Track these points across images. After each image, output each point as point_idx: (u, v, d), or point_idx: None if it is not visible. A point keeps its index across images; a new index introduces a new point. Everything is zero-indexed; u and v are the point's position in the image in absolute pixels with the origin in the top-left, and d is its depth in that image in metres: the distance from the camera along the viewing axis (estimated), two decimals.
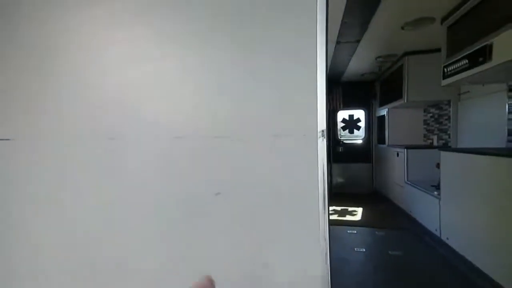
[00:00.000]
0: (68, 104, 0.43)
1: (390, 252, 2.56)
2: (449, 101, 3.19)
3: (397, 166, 3.70)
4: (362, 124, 5.12)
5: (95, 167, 0.42)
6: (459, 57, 2.13)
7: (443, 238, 2.49)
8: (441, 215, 2.53)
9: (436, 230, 2.63)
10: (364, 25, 2.54)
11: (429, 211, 2.78)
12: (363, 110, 5.09)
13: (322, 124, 0.37)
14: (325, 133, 0.37)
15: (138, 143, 0.41)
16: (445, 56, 2.39)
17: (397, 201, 3.78)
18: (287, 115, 0.37)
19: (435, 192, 2.67)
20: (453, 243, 2.32)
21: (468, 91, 2.90)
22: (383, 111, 4.41)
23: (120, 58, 0.41)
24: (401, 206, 3.64)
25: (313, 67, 0.35)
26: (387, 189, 4.24)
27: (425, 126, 3.97)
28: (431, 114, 3.80)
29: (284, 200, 0.37)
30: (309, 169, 0.37)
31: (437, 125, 3.62)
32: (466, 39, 2.08)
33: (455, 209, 2.31)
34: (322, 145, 0.36)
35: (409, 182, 3.31)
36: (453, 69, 2.22)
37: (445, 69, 2.36)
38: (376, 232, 3.07)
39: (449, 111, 3.21)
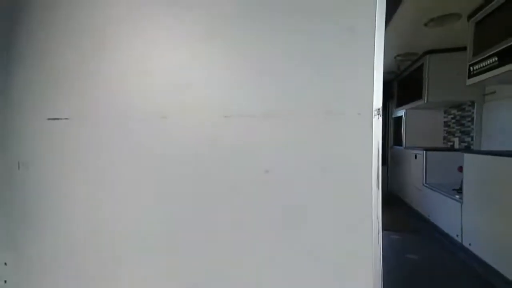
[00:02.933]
0: (120, 84, 0.45)
1: (406, 255, 2.48)
2: (472, 102, 3.07)
3: (415, 168, 3.59)
4: None
5: (148, 145, 0.43)
6: (488, 54, 2.03)
7: (465, 243, 2.39)
8: (463, 220, 2.43)
9: (457, 235, 2.52)
10: (385, 21, 2.48)
11: (449, 216, 2.68)
12: None
13: (378, 102, 0.34)
14: (381, 111, 0.34)
15: (188, 122, 0.42)
16: (471, 54, 2.29)
17: (414, 204, 3.67)
18: (340, 92, 0.36)
19: (457, 196, 2.56)
20: (476, 249, 2.21)
21: (494, 92, 2.77)
22: (401, 112, 4.29)
23: (170, 40, 0.41)
24: (418, 209, 3.52)
25: (370, 40, 0.33)
26: (403, 192, 4.12)
27: (445, 128, 3.83)
28: (452, 116, 3.67)
29: (335, 179, 0.36)
30: (362, 148, 0.35)
31: (459, 127, 3.49)
32: (495, 36, 1.98)
33: (479, 214, 2.21)
34: (377, 124, 0.34)
35: (427, 185, 3.20)
36: (480, 67, 2.12)
37: (471, 68, 2.26)
38: (391, 236, 2.99)
39: (473, 113, 3.08)
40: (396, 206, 4.15)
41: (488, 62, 2.03)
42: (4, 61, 0.47)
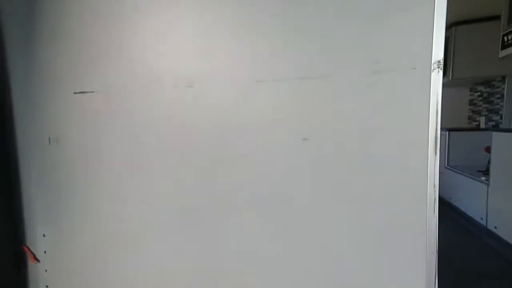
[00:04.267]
0: (144, 54, 0.43)
1: None
2: (503, 77, 2.84)
3: None
4: None
5: (176, 115, 0.42)
6: None
7: (490, 227, 2.29)
8: (489, 203, 2.32)
9: (481, 218, 2.42)
10: None
11: (474, 198, 2.56)
12: None
13: (438, 52, 0.29)
14: (441, 64, 0.29)
15: (218, 89, 0.38)
16: (506, 23, 2.09)
17: None
18: (390, 45, 0.30)
19: (483, 178, 2.44)
20: (503, 232, 2.12)
21: None
22: None
23: (195, 5, 0.37)
24: (439, 193, 3.41)
25: None
26: None
27: (470, 107, 3.61)
28: (478, 93, 3.44)
29: (383, 147, 0.31)
30: (418, 109, 0.30)
31: (486, 105, 3.27)
32: None
33: (507, 196, 2.09)
34: (437, 79, 0.29)
35: (450, 167, 3.07)
36: None
37: (505, 38, 2.07)
38: None
39: (503, 89, 2.86)
40: None
41: None
42: (29, 38, 0.45)
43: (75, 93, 0.47)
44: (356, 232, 0.35)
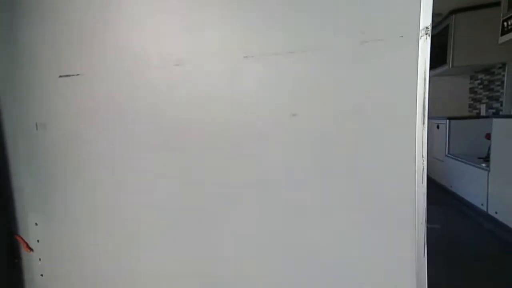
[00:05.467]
0: (129, 35, 0.42)
1: (427, 225, 2.45)
2: (503, 64, 2.83)
3: (437, 139, 3.44)
4: None
5: (163, 94, 0.41)
6: None
7: (491, 212, 2.31)
8: (489, 188, 2.33)
9: (482, 204, 2.44)
10: None
11: (474, 185, 2.58)
12: None
13: (426, 18, 0.30)
14: (429, 30, 0.30)
15: (205, 66, 0.38)
16: (506, 8, 2.08)
17: (436, 176, 3.56)
18: (377, 14, 0.31)
19: (483, 165, 2.45)
20: (503, 217, 2.14)
21: None
22: None
23: None
24: (440, 181, 3.42)
25: None
26: None
27: (471, 95, 3.60)
28: (479, 81, 3.42)
29: (371, 119, 0.32)
30: (405, 79, 0.31)
31: (486, 93, 3.26)
32: None
33: (507, 182, 2.11)
34: (424, 46, 0.30)
35: (450, 155, 3.08)
36: None
37: (505, 23, 2.06)
38: None
39: (503, 76, 2.86)
40: None
41: None
42: (13, 19, 0.45)
43: (60, 76, 0.46)
44: (344, 204, 0.36)
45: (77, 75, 0.45)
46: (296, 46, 0.34)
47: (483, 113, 3.30)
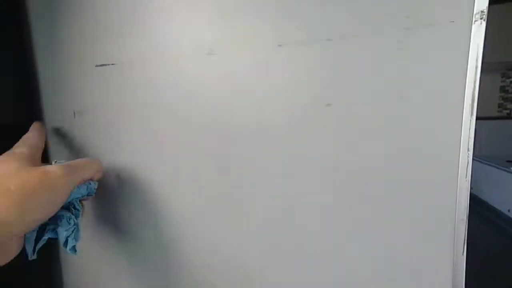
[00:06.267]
0: (162, 22, 0.42)
1: None
2: None
3: None
4: None
5: (197, 83, 0.41)
6: None
7: None
8: None
9: (508, 210, 2.31)
10: None
11: (500, 190, 2.44)
12: None
13: (482, 2, 0.27)
14: (485, 15, 0.26)
15: (237, 55, 0.38)
16: None
17: None
18: None
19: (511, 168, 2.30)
20: None
21: None
22: None
23: None
24: None
25: None
26: None
27: (501, 94, 3.37)
28: (511, 79, 3.21)
29: (414, 111, 0.30)
30: (454, 67, 0.28)
31: None
32: None
33: None
34: (479, 32, 0.27)
35: (476, 158, 2.92)
36: None
37: None
38: None
39: None
40: None
41: None
42: (51, 14, 0.46)
43: (96, 66, 0.46)
44: (382, 198, 0.34)
45: (112, 64, 0.45)
46: (334, 33, 0.33)
47: None
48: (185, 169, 0.45)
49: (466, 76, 0.29)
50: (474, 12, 0.28)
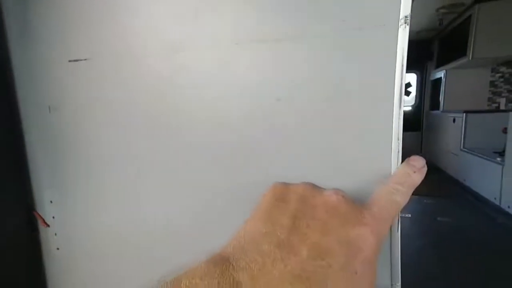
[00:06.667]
0: (132, 20, 0.44)
1: (438, 218, 2.46)
2: None
3: (452, 133, 3.39)
4: (412, 89, 4.69)
5: (164, 80, 0.44)
6: None
7: (504, 206, 2.31)
8: (503, 182, 2.32)
9: (495, 198, 2.43)
10: None
11: (488, 179, 2.56)
12: (415, 73, 4.62)
13: (406, 8, 0.32)
14: (408, 19, 0.33)
15: (200, 53, 0.41)
16: None
17: (450, 170, 3.53)
18: (360, 4, 0.34)
19: (498, 159, 2.43)
20: None
21: None
22: (440, 74, 3.96)
23: None
24: (453, 175, 3.39)
25: None
26: (438, 158, 3.96)
27: (491, 89, 3.50)
28: (500, 74, 3.33)
29: (350, 103, 0.35)
30: (384, 65, 0.34)
31: (507, 86, 3.18)
32: None
33: None
34: (404, 35, 0.32)
35: (465, 150, 3.04)
36: None
37: None
38: (424, 200, 2.95)
39: None
40: (429, 172, 3.99)
41: None
42: (24, 5, 0.48)
43: (69, 61, 0.46)
44: (321, 182, 0.36)
45: (85, 60, 0.46)
46: (282, 34, 0.37)
47: (502, 107, 3.22)
48: (154, 163, 0.47)
49: (394, 73, 0.34)
50: (400, 17, 0.32)
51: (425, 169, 0.27)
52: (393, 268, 0.39)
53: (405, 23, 0.34)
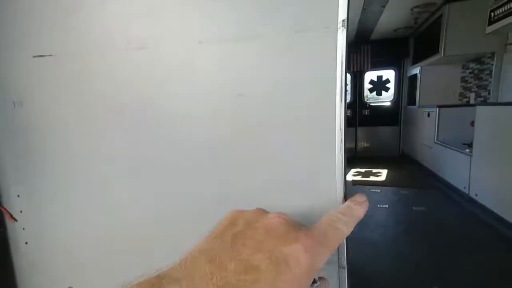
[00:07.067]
0: (98, 16, 0.45)
1: (414, 208, 2.60)
2: (493, 54, 2.92)
3: (427, 126, 3.56)
4: (391, 85, 4.87)
5: (129, 77, 0.46)
6: None
7: (472, 194, 2.47)
8: (471, 172, 2.48)
9: (464, 187, 2.59)
10: None
11: (458, 169, 2.73)
12: (393, 70, 4.80)
13: (343, 13, 0.37)
14: (346, 23, 0.38)
15: (166, 50, 0.43)
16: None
17: (425, 162, 3.71)
18: (308, 8, 0.38)
19: (467, 150, 2.59)
20: (482, 198, 2.29)
21: None
22: (416, 70, 4.13)
23: None
24: (428, 167, 3.57)
25: None
26: (415, 151, 4.15)
27: (462, 84, 3.70)
28: (470, 70, 3.52)
29: (301, 98, 0.39)
30: (327, 63, 0.38)
31: (476, 82, 3.37)
32: None
33: (487, 165, 2.25)
34: (342, 36, 0.37)
35: (439, 142, 3.21)
36: (502, 12, 2.00)
37: (492, 14, 2.14)
38: (401, 191, 3.10)
39: (492, 65, 2.95)
40: (407, 165, 4.20)
41: (510, 5, 1.91)
42: None
43: (34, 56, 0.46)
44: (271, 180, 0.41)
45: (50, 55, 0.46)
46: (241, 34, 0.40)
47: (472, 101, 3.41)
48: (120, 156, 0.48)
49: (336, 70, 0.38)
50: (339, 21, 0.37)
51: (367, 203, 0.29)
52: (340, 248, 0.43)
53: (343, 26, 0.39)
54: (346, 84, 0.38)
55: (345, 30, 0.37)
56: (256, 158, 0.43)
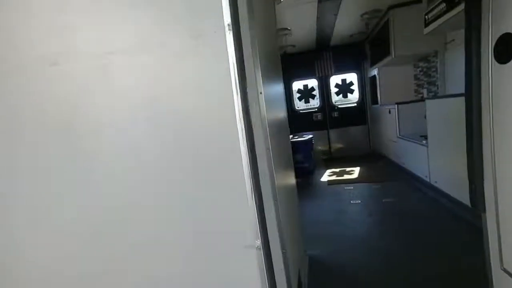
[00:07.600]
0: (8, 36, 0.47)
1: (384, 200, 2.74)
2: (436, 52, 3.21)
3: (390, 123, 3.79)
4: (355, 87, 5.14)
5: (43, 92, 0.48)
6: (438, 2, 2.14)
7: (432, 182, 2.64)
8: (429, 162, 2.66)
9: (426, 176, 2.77)
10: None
11: (419, 160, 2.91)
12: (355, 73, 5.09)
13: (227, 17, 0.42)
14: (231, 27, 0.43)
15: (77, 64, 0.47)
16: (426, 3, 2.40)
17: (392, 156, 3.92)
18: (197, 12, 0.43)
19: (424, 142, 2.78)
20: (441, 185, 2.46)
21: (453, 40, 2.91)
22: (374, 71, 4.42)
23: None
24: (395, 160, 3.78)
25: None
26: (382, 147, 4.37)
27: (415, 81, 4.00)
28: (420, 68, 3.83)
29: (204, 93, 0.44)
30: (222, 62, 0.43)
31: (426, 78, 3.66)
32: None
33: (440, 154, 2.43)
34: (229, 38, 0.42)
35: (401, 137, 3.42)
36: (433, 15, 2.24)
37: (426, 17, 2.37)
38: (373, 186, 3.25)
39: (437, 62, 3.24)
40: (377, 161, 4.41)
41: (439, 9, 2.14)
42: None
43: None
44: (186, 180, 0.47)
45: None
46: (145, 43, 0.44)
47: (425, 96, 3.69)
48: (44, 166, 0.51)
49: (229, 69, 0.43)
50: (225, 25, 0.42)
51: None
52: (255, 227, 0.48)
53: (229, 30, 0.45)
54: (241, 79, 0.44)
55: (231, 33, 0.43)
56: (173, 154, 0.48)
